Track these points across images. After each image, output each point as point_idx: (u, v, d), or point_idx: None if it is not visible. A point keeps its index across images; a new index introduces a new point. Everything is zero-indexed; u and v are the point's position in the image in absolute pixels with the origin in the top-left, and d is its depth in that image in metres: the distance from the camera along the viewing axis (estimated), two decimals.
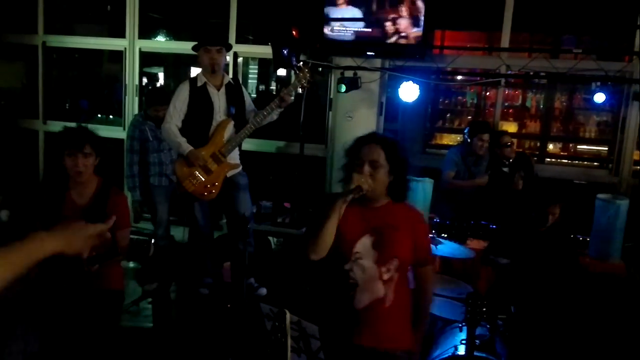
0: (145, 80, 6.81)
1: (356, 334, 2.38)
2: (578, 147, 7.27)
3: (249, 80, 8.47)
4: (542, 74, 5.43)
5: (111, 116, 7.32)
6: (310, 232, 2.34)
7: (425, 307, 2.55)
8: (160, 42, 7.08)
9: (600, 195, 4.46)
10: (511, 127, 7.65)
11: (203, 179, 4.26)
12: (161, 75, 8.55)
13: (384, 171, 2.34)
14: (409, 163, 2.43)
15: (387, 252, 2.33)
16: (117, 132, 6.35)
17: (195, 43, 4.31)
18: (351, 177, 2.31)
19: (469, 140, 4.95)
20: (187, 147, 4.19)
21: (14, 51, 6.88)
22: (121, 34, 6.34)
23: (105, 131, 6.39)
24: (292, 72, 5.43)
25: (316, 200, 2.56)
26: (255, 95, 8.31)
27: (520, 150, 6.58)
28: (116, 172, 6.14)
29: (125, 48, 6.27)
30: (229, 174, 4.36)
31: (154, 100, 4.91)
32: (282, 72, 7.20)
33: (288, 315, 2.31)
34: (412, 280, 2.55)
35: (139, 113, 5.17)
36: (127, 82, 6.32)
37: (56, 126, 6.57)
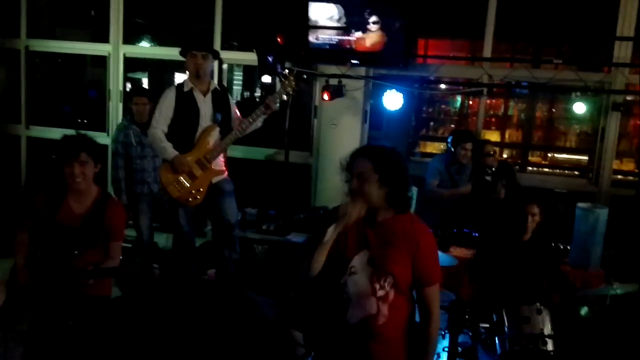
0: (129, 85, 6.77)
1: (348, 349, 2.34)
2: (559, 156, 7.39)
3: (234, 87, 8.45)
4: (524, 83, 5.51)
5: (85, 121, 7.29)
6: (307, 255, 2.33)
7: (431, 332, 2.34)
8: (145, 48, 7.05)
9: (580, 204, 4.53)
10: (493, 136, 7.75)
11: (188, 185, 4.25)
12: (145, 81, 8.50)
13: (373, 182, 2.27)
14: (404, 170, 2.34)
15: (382, 268, 2.27)
16: (100, 138, 6.30)
17: (181, 49, 4.32)
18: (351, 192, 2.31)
19: (452, 149, 4.99)
20: (172, 152, 4.18)
21: None
22: (104, 39, 6.30)
23: None
24: (277, 79, 5.45)
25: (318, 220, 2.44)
26: (239, 101, 8.30)
27: (503, 158, 6.66)
28: (101, 177, 6.10)
29: (109, 53, 6.24)
30: (214, 180, 4.36)
31: (133, 92, 4.96)
32: (267, 79, 7.21)
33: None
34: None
35: (126, 117, 5.18)
36: (110, 88, 6.29)
37: (39, 131, 6.53)
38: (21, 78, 6.53)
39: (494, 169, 4.96)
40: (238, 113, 4.49)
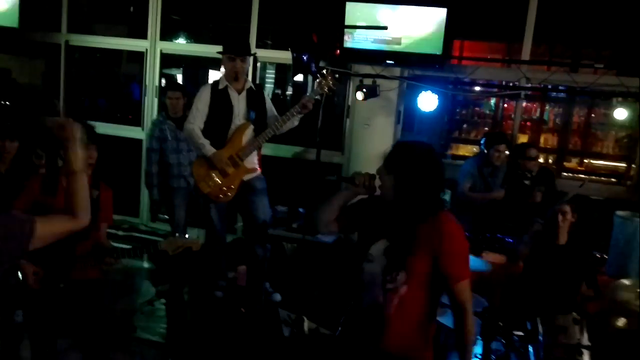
0: (163, 81, 6.86)
1: (362, 331, 2.37)
2: (596, 162, 7.23)
3: (266, 85, 8.49)
4: (562, 87, 5.40)
5: (119, 115, 7.41)
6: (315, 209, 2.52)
7: (466, 329, 2.27)
8: (181, 45, 7.14)
9: (619, 212, 4.43)
10: (527, 140, 7.61)
11: (219, 182, 4.28)
12: (179, 77, 8.61)
13: (385, 176, 2.30)
14: (423, 172, 2.26)
15: (396, 262, 2.24)
16: (136, 133, 6.40)
17: (219, 47, 4.35)
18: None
19: (485, 151, 4.92)
20: (210, 149, 4.22)
21: (35, 49, 6.96)
22: (140, 35, 6.39)
23: (124, 131, 6.45)
24: (311, 78, 5.44)
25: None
26: (270, 98, 8.34)
27: (544, 164, 6.53)
28: (135, 171, 6.21)
29: (146, 49, 6.33)
30: (246, 177, 4.38)
31: (167, 86, 5.01)
32: (299, 77, 7.22)
33: (306, 322, 2.31)
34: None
35: (161, 113, 5.24)
36: (147, 83, 6.37)
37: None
38: (60, 72, 6.66)
39: (533, 173, 4.83)
40: (274, 112, 4.49)
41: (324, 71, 4.51)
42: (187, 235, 3.00)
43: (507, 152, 4.97)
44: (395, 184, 2.26)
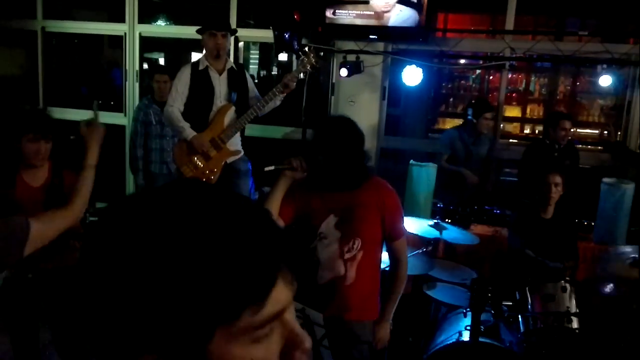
0: (145, 65, 6.74)
1: (320, 307, 2.38)
2: (582, 130, 7.23)
3: (250, 65, 8.40)
4: (547, 56, 5.36)
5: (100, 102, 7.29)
6: None
7: (400, 274, 2.60)
8: (161, 27, 7.00)
9: (605, 180, 4.42)
10: (514, 111, 7.61)
11: (202, 165, 4.21)
12: (162, 61, 8.50)
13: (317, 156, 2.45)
14: (342, 143, 2.41)
15: (350, 231, 2.40)
16: (118, 119, 6.31)
17: (199, 27, 4.26)
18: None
19: (474, 120, 4.86)
20: (190, 133, 4.14)
21: (13, 37, 6.81)
22: (121, 19, 6.26)
23: (107, 118, 6.34)
24: (294, 57, 5.36)
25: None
26: (256, 81, 8.25)
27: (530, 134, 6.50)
28: (119, 158, 6.13)
29: (125, 33, 6.20)
30: (229, 160, 4.32)
31: (154, 69, 4.91)
32: (283, 57, 7.13)
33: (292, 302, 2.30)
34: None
35: (147, 97, 5.14)
36: (127, 68, 6.26)
37: (57, 113, 6.53)
38: (38, 59, 6.53)
39: (562, 145, 4.71)
40: (256, 92, 4.42)
41: (307, 49, 4.43)
42: None
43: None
44: (326, 161, 2.40)
